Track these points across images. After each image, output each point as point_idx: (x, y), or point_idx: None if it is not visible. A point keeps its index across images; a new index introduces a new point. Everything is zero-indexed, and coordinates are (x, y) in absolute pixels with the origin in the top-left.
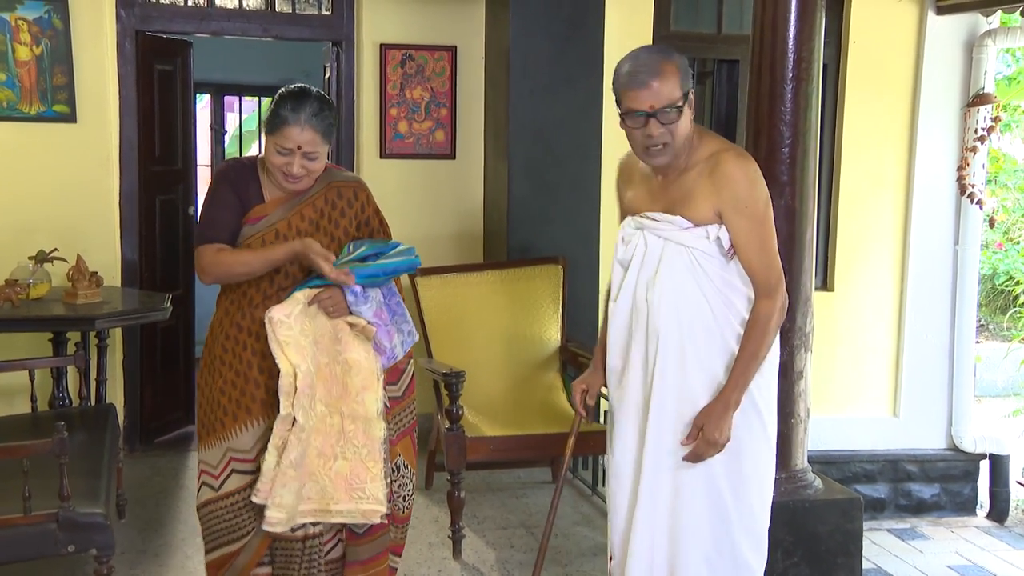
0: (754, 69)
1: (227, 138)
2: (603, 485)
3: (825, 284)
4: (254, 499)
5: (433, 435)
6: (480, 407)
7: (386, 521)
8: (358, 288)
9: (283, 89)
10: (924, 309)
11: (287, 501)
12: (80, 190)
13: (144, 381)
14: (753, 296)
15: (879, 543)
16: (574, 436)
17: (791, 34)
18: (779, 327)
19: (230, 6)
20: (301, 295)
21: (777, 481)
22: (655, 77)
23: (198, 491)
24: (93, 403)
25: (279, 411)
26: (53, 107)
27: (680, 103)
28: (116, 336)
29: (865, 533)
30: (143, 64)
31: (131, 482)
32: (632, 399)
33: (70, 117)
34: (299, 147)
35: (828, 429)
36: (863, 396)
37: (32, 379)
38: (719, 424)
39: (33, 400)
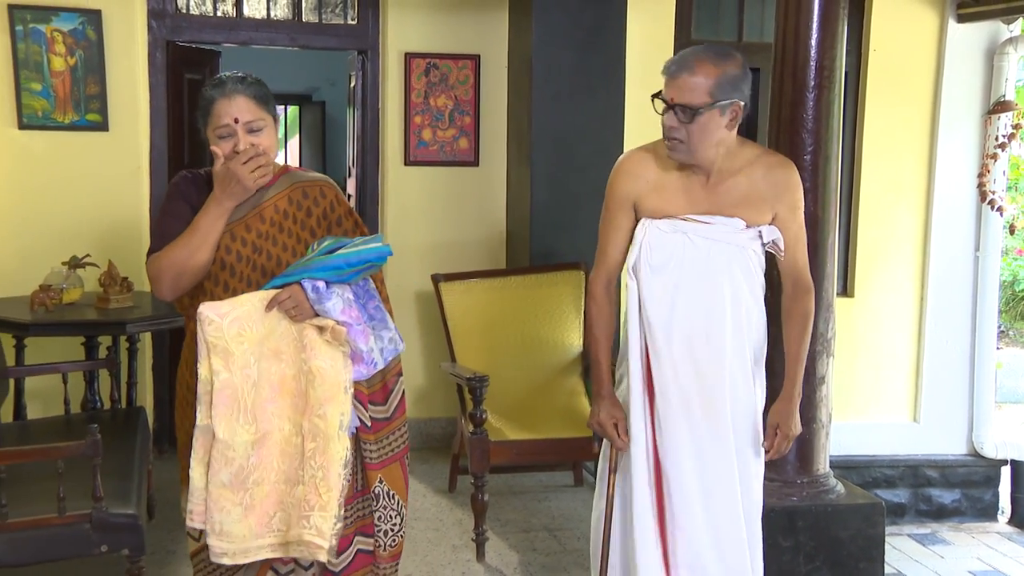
0: (776, 77)
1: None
2: None
3: (845, 290)
4: (188, 522)
5: (457, 439)
6: (503, 411)
7: (393, 551)
8: (320, 283)
9: None
10: (945, 315)
11: (231, 530)
12: (111, 197)
13: (173, 384)
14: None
15: (900, 548)
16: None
17: (813, 42)
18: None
19: (258, 16)
20: (251, 296)
21: (799, 486)
22: (686, 72)
23: (196, 538)
24: (124, 406)
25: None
26: (86, 116)
27: (701, 108)
28: (146, 340)
29: (886, 538)
30: (173, 74)
31: (160, 484)
32: (680, 404)
33: (102, 126)
34: (235, 119)
35: (849, 434)
36: (884, 402)
37: (65, 382)
38: (794, 420)
39: (66, 403)
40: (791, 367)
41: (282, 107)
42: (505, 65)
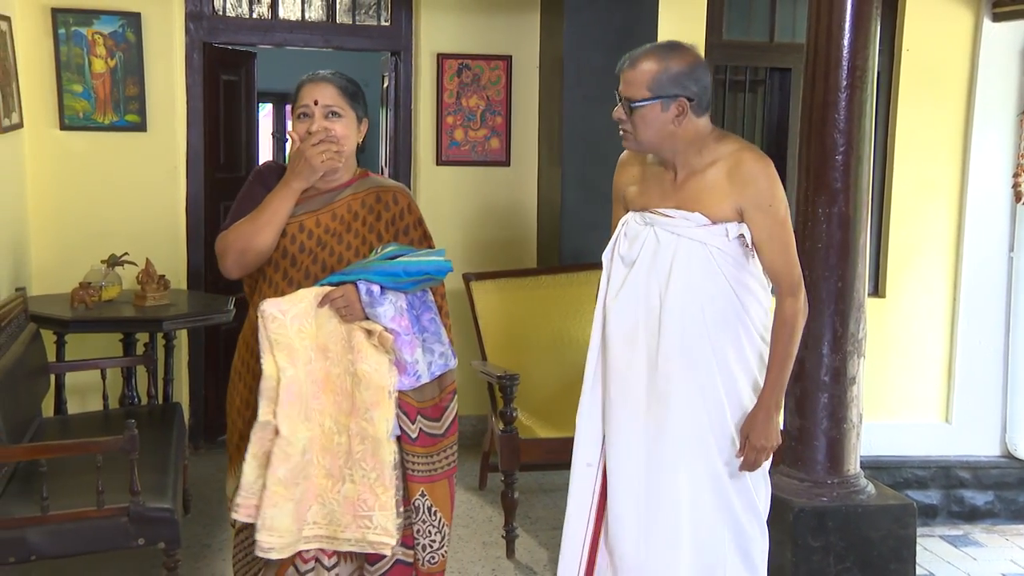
0: (808, 77)
1: (288, 145)
2: None
3: (877, 291)
4: (233, 515)
5: (487, 436)
6: (533, 409)
7: (408, 561)
8: (375, 287)
9: None
10: (978, 315)
11: (281, 524)
12: (149, 196)
13: (208, 381)
14: (766, 303)
15: (932, 549)
16: None
17: (846, 42)
18: (803, 326)
19: (293, 18)
20: (308, 292)
21: (829, 486)
22: (629, 67)
23: (233, 523)
24: (160, 402)
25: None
26: (125, 117)
27: (640, 101)
28: (182, 337)
29: (918, 539)
30: (209, 75)
31: (196, 479)
32: (636, 399)
33: (141, 126)
34: (315, 101)
35: (880, 435)
36: (915, 402)
37: (104, 378)
38: (764, 431)
39: (104, 398)
40: (769, 373)
41: None
42: (537, 66)
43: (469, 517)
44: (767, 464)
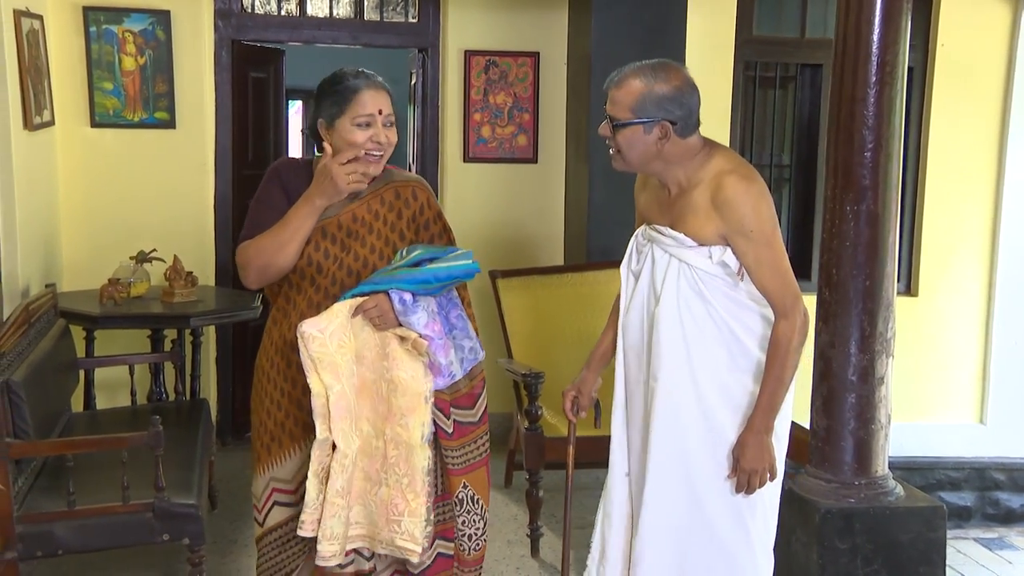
0: (836, 73)
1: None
2: None
3: (909, 289)
4: (300, 533)
5: (513, 434)
6: (560, 408)
7: (449, 554)
8: (407, 296)
9: (325, 78)
10: (1013, 314)
11: (339, 531)
12: (178, 193)
13: (235, 377)
14: (768, 313)
15: (965, 552)
16: (572, 444)
17: (875, 38)
18: (802, 345)
19: (321, 15)
20: (342, 307)
21: (856, 487)
22: (614, 86)
23: (261, 522)
24: (188, 398)
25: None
26: (154, 114)
27: (622, 121)
28: (210, 334)
29: (950, 542)
30: (238, 72)
31: (222, 475)
32: (638, 411)
33: (170, 124)
34: (380, 110)
35: (912, 436)
36: (949, 403)
37: (131, 374)
38: (754, 453)
39: (132, 394)
40: (761, 396)
41: None
42: (564, 63)
43: (494, 515)
44: (772, 492)
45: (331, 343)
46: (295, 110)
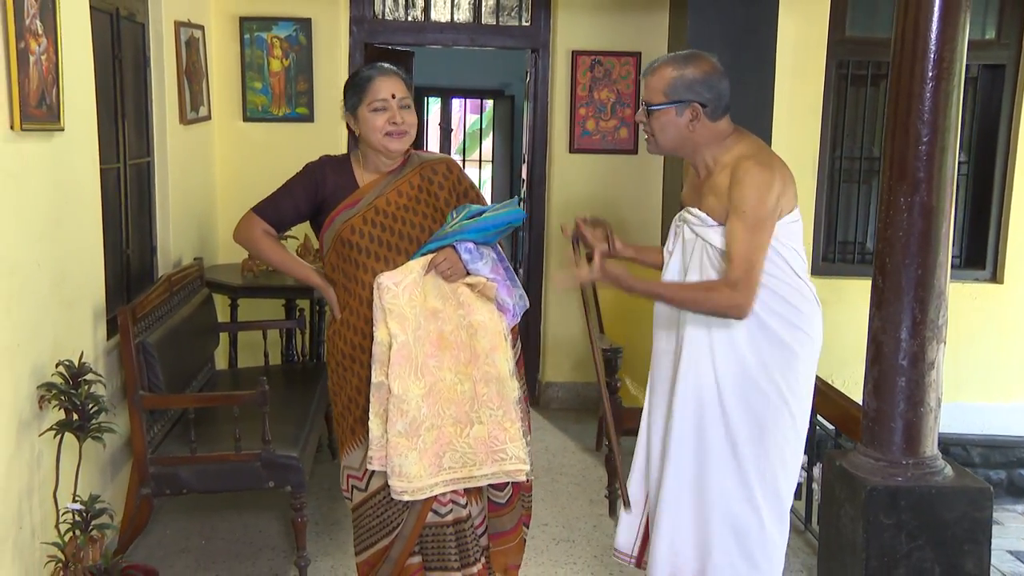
0: (895, 69)
1: (453, 136)
2: (815, 522)
3: (995, 277)
4: (368, 465)
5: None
6: (643, 380)
7: (530, 480)
8: (471, 245)
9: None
10: None
11: (408, 471)
12: None
13: None
14: (785, 292)
15: None
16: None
17: (933, 34)
18: (717, 315)
19: (443, 20)
20: (415, 263)
21: (904, 466)
22: (649, 74)
23: (350, 497)
24: (313, 360)
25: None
26: (296, 109)
27: (656, 106)
28: None
29: None
30: None
31: None
32: (663, 381)
33: (308, 118)
34: (393, 95)
35: (996, 416)
36: None
37: (264, 338)
38: (613, 273)
39: (265, 355)
40: (656, 283)
41: (477, 101)
42: None
43: (582, 476)
44: (788, 459)
45: (402, 296)
46: (436, 107)
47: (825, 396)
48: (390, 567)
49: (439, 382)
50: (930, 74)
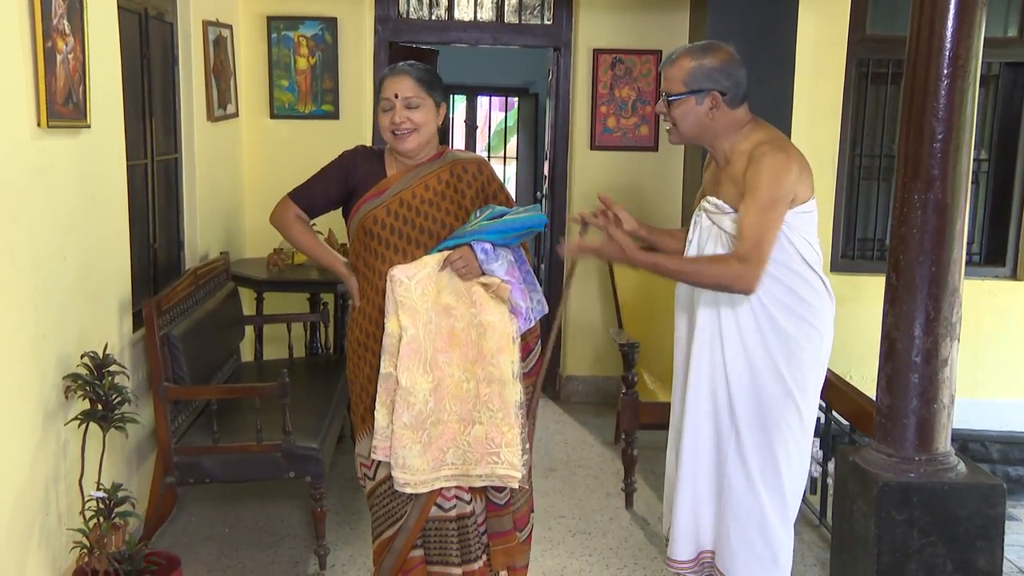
0: (909, 65)
1: (479, 133)
2: (830, 517)
3: (1015, 274)
4: (373, 455)
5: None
6: (660, 374)
7: (524, 486)
8: (488, 245)
9: None
10: None
11: (412, 464)
12: None
13: None
14: (796, 285)
15: None
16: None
17: (948, 32)
18: (723, 288)
19: (466, 19)
20: (431, 259)
21: (917, 462)
22: (668, 65)
23: (364, 484)
24: (335, 354)
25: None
26: (322, 107)
27: (676, 95)
28: None
29: None
30: None
31: None
32: (680, 368)
33: (334, 115)
34: (396, 94)
35: (1016, 412)
36: None
37: (289, 331)
38: (611, 247)
39: (290, 348)
40: (663, 257)
41: (503, 99)
42: None
43: (599, 468)
44: (792, 452)
45: (415, 289)
46: (461, 104)
47: (839, 391)
48: (393, 558)
49: (447, 378)
50: (945, 71)
